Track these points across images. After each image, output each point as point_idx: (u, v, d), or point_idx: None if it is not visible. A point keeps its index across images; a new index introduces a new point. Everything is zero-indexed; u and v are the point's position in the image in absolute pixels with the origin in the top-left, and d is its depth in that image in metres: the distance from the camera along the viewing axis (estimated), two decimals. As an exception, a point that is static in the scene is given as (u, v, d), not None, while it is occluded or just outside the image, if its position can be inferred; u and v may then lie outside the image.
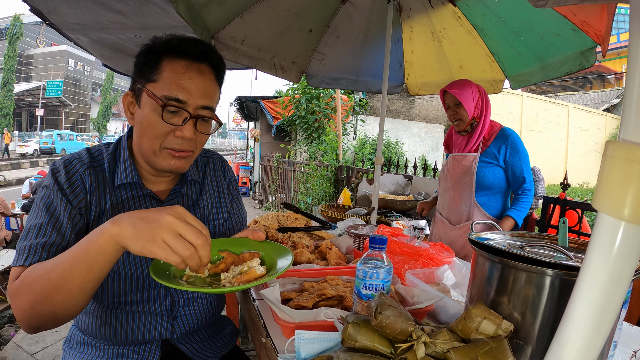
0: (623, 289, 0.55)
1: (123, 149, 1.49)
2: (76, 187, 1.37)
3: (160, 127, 1.33)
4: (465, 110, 2.94)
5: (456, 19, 3.30)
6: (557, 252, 1.12)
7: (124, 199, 1.46)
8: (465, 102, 2.92)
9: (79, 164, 1.41)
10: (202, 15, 2.58)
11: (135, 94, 1.39)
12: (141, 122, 1.36)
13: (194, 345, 1.61)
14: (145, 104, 1.34)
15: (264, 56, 3.50)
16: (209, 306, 1.68)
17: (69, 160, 1.42)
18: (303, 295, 1.52)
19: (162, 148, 1.37)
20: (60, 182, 1.36)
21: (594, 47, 2.66)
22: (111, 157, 1.48)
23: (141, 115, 1.35)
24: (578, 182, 19.77)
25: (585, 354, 0.56)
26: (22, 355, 3.92)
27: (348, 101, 12.02)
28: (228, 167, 1.83)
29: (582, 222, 3.45)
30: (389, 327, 1.03)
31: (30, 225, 1.29)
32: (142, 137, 1.37)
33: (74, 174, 1.39)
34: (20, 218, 9.10)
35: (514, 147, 2.94)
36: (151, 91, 1.32)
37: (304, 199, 9.32)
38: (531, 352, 1.04)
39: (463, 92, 2.93)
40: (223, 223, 1.72)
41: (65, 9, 2.46)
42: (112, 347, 1.51)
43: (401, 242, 1.99)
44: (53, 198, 1.33)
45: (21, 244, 1.25)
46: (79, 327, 1.57)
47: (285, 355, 1.24)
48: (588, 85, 34.77)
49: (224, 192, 1.75)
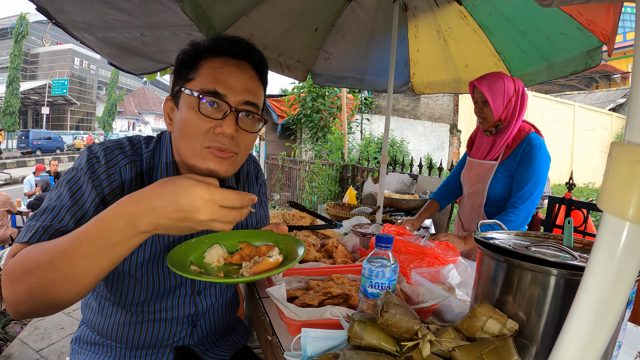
0: (627, 289, 0.55)
1: (165, 149, 1.41)
2: (113, 180, 1.29)
3: (198, 124, 1.25)
4: (492, 110, 2.64)
5: (462, 17, 3.30)
6: (562, 252, 1.12)
7: None
8: (493, 102, 2.62)
9: (120, 156, 1.33)
10: (207, 14, 2.59)
11: (174, 98, 1.34)
12: (179, 124, 1.29)
13: (205, 346, 1.63)
14: (183, 104, 1.29)
15: (270, 55, 3.51)
16: (228, 310, 1.69)
17: (110, 149, 1.32)
18: (309, 294, 1.53)
19: (203, 148, 1.27)
20: (96, 170, 1.27)
21: (600, 46, 2.65)
22: (150, 155, 1.40)
23: (179, 116, 1.29)
24: (583, 182, 19.69)
25: (589, 353, 0.56)
26: (28, 352, 3.94)
27: (353, 100, 12.00)
28: (261, 171, 1.79)
29: (587, 222, 3.45)
30: (394, 326, 1.04)
31: (48, 205, 1.19)
32: (181, 139, 1.29)
33: (114, 166, 1.30)
34: (26, 216, 9.16)
35: (528, 156, 2.57)
36: (188, 88, 1.27)
37: (309, 197, 9.32)
38: (536, 351, 1.04)
39: (493, 90, 2.61)
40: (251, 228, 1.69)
41: (71, 8, 2.47)
42: (125, 350, 1.50)
43: (406, 241, 1.99)
44: (83, 184, 1.24)
45: (32, 222, 1.15)
46: (91, 327, 1.54)
47: (292, 353, 1.24)
48: (594, 85, 34.62)
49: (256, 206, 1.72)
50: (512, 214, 2.53)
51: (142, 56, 3.02)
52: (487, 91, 2.60)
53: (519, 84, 2.67)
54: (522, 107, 2.65)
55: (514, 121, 2.65)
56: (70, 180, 1.24)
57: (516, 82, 2.66)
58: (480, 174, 2.82)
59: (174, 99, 1.33)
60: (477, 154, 2.91)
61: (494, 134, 2.76)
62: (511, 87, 2.63)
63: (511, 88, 2.63)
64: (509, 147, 2.69)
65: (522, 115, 2.67)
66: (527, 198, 2.53)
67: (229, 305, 1.70)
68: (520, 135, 2.66)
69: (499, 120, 2.66)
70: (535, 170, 2.55)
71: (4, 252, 6.55)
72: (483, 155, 2.84)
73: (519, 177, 2.59)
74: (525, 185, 2.54)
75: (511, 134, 2.67)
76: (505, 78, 2.64)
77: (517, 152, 2.63)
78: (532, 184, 2.53)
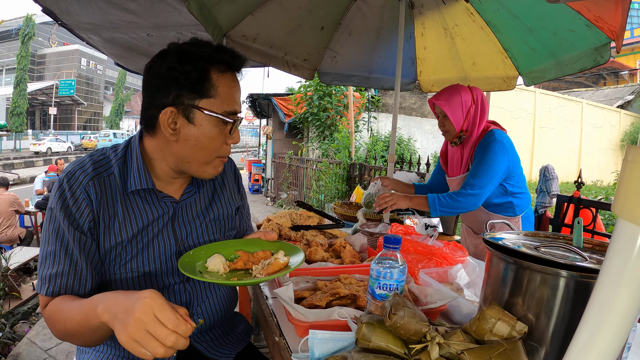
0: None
1: (135, 154, 1.44)
2: (81, 202, 1.33)
3: (219, 140, 1.39)
4: (452, 123, 2.72)
5: (469, 15, 3.28)
6: (571, 252, 1.11)
7: (138, 204, 1.44)
8: (453, 115, 2.70)
9: (81, 176, 1.35)
10: (213, 14, 2.58)
11: (182, 110, 1.34)
12: (197, 138, 1.36)
13: (209, 343, 1.63)
14: (202, 121, 1.35)
15: (277, 54, 3.50)
16: (223, 302, 1.70)
17: (71, 173, 1.36)
18: (316, 294, 1.52)
19: (216, 158, 1.43)
20: (65, 201, 1.32)
21: (609, 42, 2.62)
22: (121, 162, 1.44)
23: (197, 132, 1.35)
24: (591, 180, 19.58)
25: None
26: (36, 351, 3.96)
27: (360, 98, 11.97)
28: (237, 168, 1.85)
29: (596, 221, 3.43)
30: (403, 328, 1.03)
31: (44, 253, 1.34)
32: (197, 152, 1.38)
33: (77, 188, 1.34)
34: (34, 215, 9.20)
35: (483, 147, 2.64)
36: (210, 108, 1.34)
37: (316, 196, 9.32)
38: (545, 353, 1.03)
39: (451, 104, 2.69)
40: (234, 220, 1.76)
41: (77, 9, 2.47)
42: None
43: (414, 241, 1.98)
44: (59, 224, 1.32)
45: (40, 272, 1.34)
46: None
47: (299, 355, 1.24)
48: (602, 82, 34.43)
49: (235, 192, 1.77)
50: (460, 196, 2.59)
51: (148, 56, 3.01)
52: (445, 106, 2.69)
53: (477, 92, 2.73)
54: (482, 115, 2.73)
55: (476, 129, 2.73)
56: (50, 222, 1.35)
57: (474, 91, 2.72)
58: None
59: (182, 112, 1.34)
60: (453, 171, 3.00)
61: (459, 144, 2.85)
62: (468, 98, 2.70)
63: (468, 99, 2.70)
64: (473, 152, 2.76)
65: (483, 122, 2.74)
66: (478, 185, 2.58)
67: (223, 296, 1.70)
68: (480, 137, 2.74)
69: (460, 131, 2.74)
70: (487, 160, 2.58)
71: (12, 251, 6.59)
72: (458, 170, 2.92)
73: (473, 168, 2.64)
74: (476, 172, 2.60)
75: (476, 143, 2.74)
76: (461, 90, 2.71)
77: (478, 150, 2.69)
78: (484, 171, 2.58)
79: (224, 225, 1.69)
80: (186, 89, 1.32)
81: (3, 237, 7.85)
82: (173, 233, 1.50)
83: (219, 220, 1.66)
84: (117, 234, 1.39)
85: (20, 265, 6.26)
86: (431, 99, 2.78)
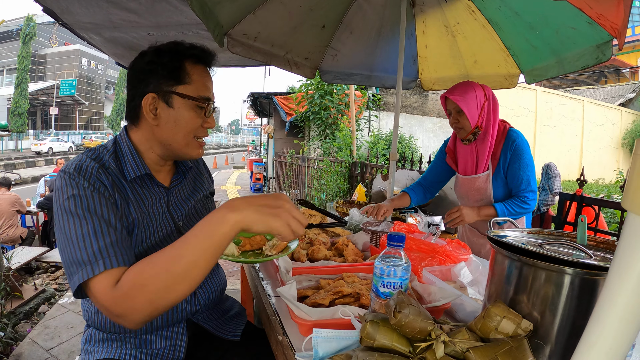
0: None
1: (125, 145, 1.55)
2: (99, 186, 1.36)
3: (196, 122, 1.53)
4: (467, 119, 2.66)
5: (470, 13, 3.27)
6: (576, 250, 1.11)
7: (138, 191, 1.53)
8: (468, 110, 2.65)
9: (90, 167, 1.39)
10: (214, 12, 2.58)
11: (162, 96, 1.48)
12: (176, 120, 1.50)
13: (214, 322, 1.74)
14: (180, 104, 1.49)
15: (278, 52, 3.50)
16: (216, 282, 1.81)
17: (78, 167, 1.38)
18: (319, 293, 1.52)
19: (194, 139, 1.57)
20: (84, 186, 1.33)
21: (610, 40, 2.61)
22: (113, 156, 1.51)
23: (175, 114, 1.50)
24: (593, 178, 19.58)
25: (612, 358, 0.55)
26: (38, 351, 3.96)
27: (361, 97, 11.96)
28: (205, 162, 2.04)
29: (598, 219, 3.42)
30: (408, 326, 1.02)
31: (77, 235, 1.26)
32: (177, 133, 1.52)
33: (92, 176, 1.36)
34: (35, 215, 9.20)
35: (516, 153, 2.67)
36: (186, 93, 1.49)
37: (317, 195, 9.30)
38: (550, 351, 1.03)
39: (466, 99, 2.65)
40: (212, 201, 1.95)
41: (78, 9, 2.47)
42: (139, 338, 1.54)
43: (417, 239, 1.98)
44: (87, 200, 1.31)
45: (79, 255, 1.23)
46: (98, 327, 1.56)
47: (303, 354, 1.23)
48: (603, 80, 34.42)
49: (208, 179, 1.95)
50: (526, 204, 2.66)
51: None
52: (460, 101, 2.64)
53: (488, 90, 2.73)
54: (495, 112, 2.71)
55: (491, 126, 2.70)
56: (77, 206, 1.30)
57: (485, 89, 2.71)
58: (480, 188, 2.84)
59: (162, 97, 1.49)
60: (465, 169, 2.94)
61: (472, 141, 2.79)
62: (482, 94, 2.68)
63: (482, 95, 2.68)
64: (495, 153, 2.76)
65: (497, 119, 2.73)
66: (533, 189, 2.66)
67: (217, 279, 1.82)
68: (499, 136, 2.74)
69: (476, 127, 2.69)
70: (526, 162, 2.67)
71: (14, 251, 6.60)
72: (473, 169, 2.87)
73: (515, 174, 2.69)
74: (524, 179, 2.67)
75: (492, 140, 2.72)
76: (474, 86, 2.69)
77: (505, 151, 2.71)
78: (527, 177, 2.67)
79: (208, 204, 1.86)
80: (164, 77, 1.48)
81: (5, 237, 7.85)
82: (170, 216, 1.62)
83: (204, 199, 1.83)
84: (128, 215, 1.45)
85: (22, 265, 6.26)
86: (444, 94, 2.75)
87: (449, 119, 2.82)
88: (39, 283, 6.09)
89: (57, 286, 6.33)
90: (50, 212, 9.02)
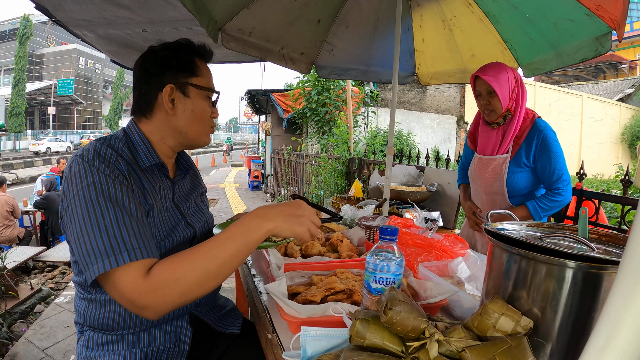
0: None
1: (137, 136, 1.59)
2: (118, 174, 1.37)
3: (209, 112, 1.68)
4: (499, 100, 2.59)
5: (467, 6, 3.23)
6: (578, 243, 1.07)
7: (152, 180, 1.56)
8: (501, 92, 2.58)
9: (108, 154, 1.40)
10: (208, 8, 2.54)
11: (179, 87, 1.59)
12: (193, 109, 1.62)
13: (214, 316, 1.79)
14: (195, 95, 1.62)
15: (273, 47, 3.45)
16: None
17: (97, 152, 1.38)
18: (311, 289, 1.49)
19: (209, 127, 1.71)
20: (105, 172, 1.34)
21: (609, 32, 2.57)
22: (127, 145, 1.53)
23: (192, 103, 1.61)
24: (592, 173, 19.56)
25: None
26: (34, 350, 3.94)
27: (359, 93, 11.95)
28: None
29: (599, 213, 3.38)
30: (399, 324, 0.98)
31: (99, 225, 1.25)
32: (193, 120, 1.63)
33: (112, 162, 1.39)
34: (33, 215, 9.17)
35: (544, 144, 2.59)
36: (199, 84, 1.62)
37: (315, 191, 9.30)
38: (551, 350, 0.99)
39: (499, 80, 2.58)
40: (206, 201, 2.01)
41: (71, 5, 2.44)
42: (142, 334, 1.52)
43: (413, 234, 1.95)
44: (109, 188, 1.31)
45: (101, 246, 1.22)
46: (96, 327, 1.50)
47: (291, 353, 1.20)
48: (601, 75, 34.46)
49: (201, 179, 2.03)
50: (557, 192, 2.62)
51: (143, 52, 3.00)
52: (493, 82, 2.57)
53: (517, 73, 2.68)
54: (523, 96, 2.66)
55: (519, 110, 2.64)
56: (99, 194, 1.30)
57: (514, 71, 2.66)
58: (495, 170, 2.78)
59: (179, 88, 1.59)
60: (486, 149, 2.87)
61: (501, 125, 2.72)
62: (512, 76, 2.63)
63: (512, 77, 2.63)
64: (518, 137, 2.67)
65: (525, 102, 2.67)
66: (565, 178, 2.61)
67: None
68: (526, 123, 2.67)
69: (507, 110, 2.63)
70: (557, 153, 2.60)
71: (9, 251, 6.57)
72: (494, 150, 2.80)
73: (546, 165, 2.62)
74: (555, 169, 2.60)
75: (518, 124, 2.66)
76: (506, 68, 2.64)
77: (530, 141, 2.63)
78: (558, 167, 2.61)
79: (205, 201, 1.96)
80: (181, 70, 1.59)
81: (1, 238, 7.83)
82: (176, 206, 1.68)
83: (202, 196, 1.94)
84: (145, 204, 1.47)
85: (18, 264, 6.24)
86: (475, 73, 2.68)
87: (478, 101, 2.77)
88: (35, 282, 6.08)
89: (53, 285, 6.32)
90: (47, 212, 9.00)
